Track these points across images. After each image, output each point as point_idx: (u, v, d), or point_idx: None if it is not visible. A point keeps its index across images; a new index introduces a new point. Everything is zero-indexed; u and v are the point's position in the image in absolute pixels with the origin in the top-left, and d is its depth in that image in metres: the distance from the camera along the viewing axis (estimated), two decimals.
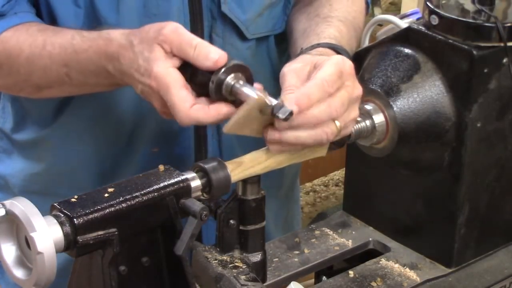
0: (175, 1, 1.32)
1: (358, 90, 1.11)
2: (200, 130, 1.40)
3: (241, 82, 1.08)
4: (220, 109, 1.09)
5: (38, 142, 1.44)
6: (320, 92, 1.06)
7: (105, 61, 1.18)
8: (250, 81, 1.09)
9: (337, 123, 1.08)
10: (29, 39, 1.25)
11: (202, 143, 1.41)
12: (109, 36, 1.17)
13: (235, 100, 1.09)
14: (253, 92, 1.06)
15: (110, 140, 1.40)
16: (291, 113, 1.03)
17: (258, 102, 1.04)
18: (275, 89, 1.16)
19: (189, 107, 1.08)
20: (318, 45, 1.23)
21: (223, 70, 1.08)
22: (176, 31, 1.10)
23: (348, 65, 1.10)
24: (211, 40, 1.35)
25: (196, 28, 1.33)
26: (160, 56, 1.10)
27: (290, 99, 1.05)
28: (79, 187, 1.40)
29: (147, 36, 1.11)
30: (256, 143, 1.12)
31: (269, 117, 1.05)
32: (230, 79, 1.08)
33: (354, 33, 1.37)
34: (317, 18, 1.37)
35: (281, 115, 1.03)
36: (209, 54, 1.08)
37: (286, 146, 1.08)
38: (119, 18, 1.30)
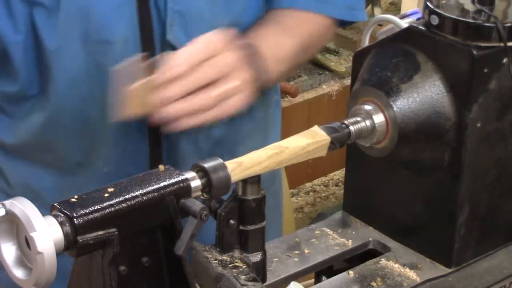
0: (120, 29, 1.33)
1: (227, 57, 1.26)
2: (155, 150, 1.42)
3: None
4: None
5: None
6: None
7: None
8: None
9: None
10: None
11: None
12: None
13: None
14: None
15: (59, 165, 1.44)
16: None
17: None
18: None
19: None
20: None
21: None
22: None
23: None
24: None
25: (149, 55, 1.33)
26: None
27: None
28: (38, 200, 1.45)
29: None
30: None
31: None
32: None
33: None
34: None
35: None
36: None
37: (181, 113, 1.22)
38: (60, 44, 1.32)
